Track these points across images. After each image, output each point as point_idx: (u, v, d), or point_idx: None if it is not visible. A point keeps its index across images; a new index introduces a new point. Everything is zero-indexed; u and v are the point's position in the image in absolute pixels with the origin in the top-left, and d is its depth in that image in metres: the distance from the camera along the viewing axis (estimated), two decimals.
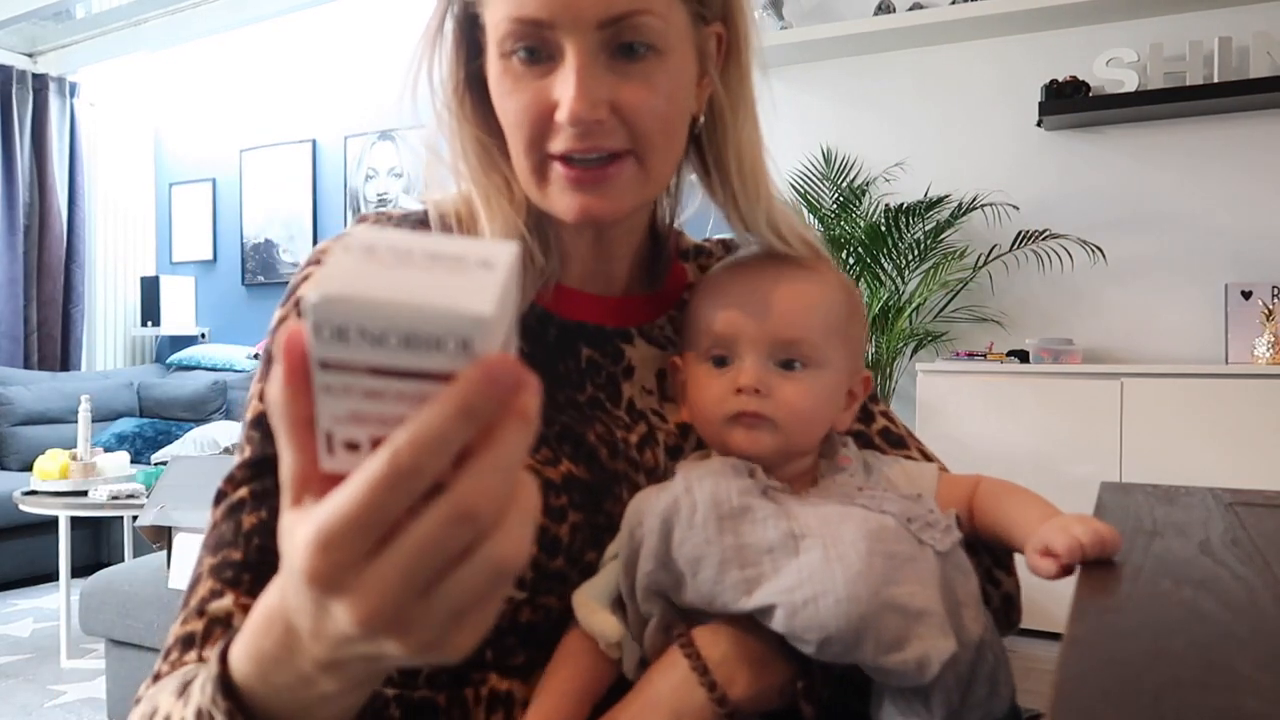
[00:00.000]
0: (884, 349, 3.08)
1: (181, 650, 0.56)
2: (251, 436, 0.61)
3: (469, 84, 0.65)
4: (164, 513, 2.08)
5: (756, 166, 0.68)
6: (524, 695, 0.61)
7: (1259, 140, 2.87)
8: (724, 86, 0.67)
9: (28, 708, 2.43)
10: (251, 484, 0.60)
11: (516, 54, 0.60)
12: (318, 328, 0.28)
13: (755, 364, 0.63)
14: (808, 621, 0.54)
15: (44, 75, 4.84)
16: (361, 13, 4.50)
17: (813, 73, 3.44)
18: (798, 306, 0.65)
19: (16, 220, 4.69)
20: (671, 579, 0.58)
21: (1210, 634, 0.44)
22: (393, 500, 0.28)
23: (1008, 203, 3.13)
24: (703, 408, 0.65)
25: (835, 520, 0.58)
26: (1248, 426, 2.51)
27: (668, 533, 0.58)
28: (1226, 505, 0.76)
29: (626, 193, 0.62)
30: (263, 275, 4.91)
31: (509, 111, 0.61)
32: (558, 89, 0.59)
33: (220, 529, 0.59)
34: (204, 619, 0.56)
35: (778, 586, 0.55)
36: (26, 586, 3.61)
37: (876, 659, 0.54)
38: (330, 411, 0.29)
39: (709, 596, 0.57)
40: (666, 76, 0.61)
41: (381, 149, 4.52)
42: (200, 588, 0.58)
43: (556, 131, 0.60)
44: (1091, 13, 2.99)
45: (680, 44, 0.62)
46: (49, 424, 4.16)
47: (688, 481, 0.60)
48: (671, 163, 0.65)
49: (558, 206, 0.62)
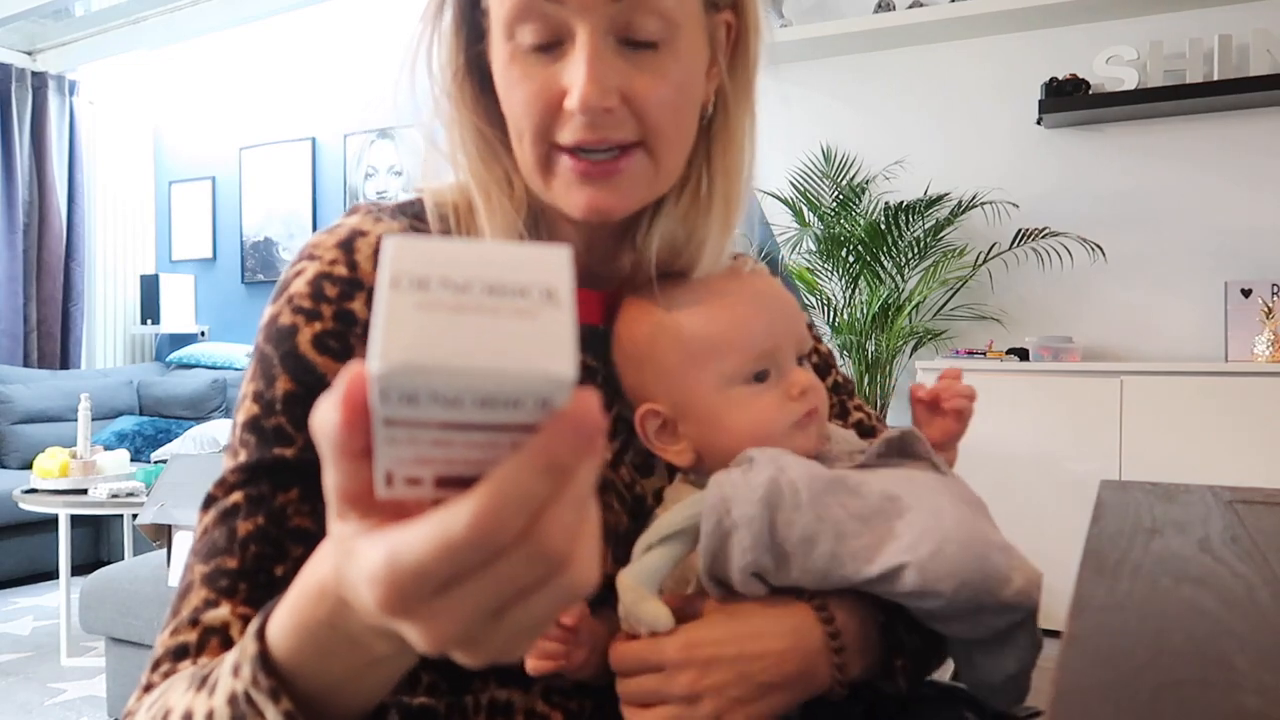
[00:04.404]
0: (884, 347, 3.08)
1: (174, 661, 0.53)
2: (246, 440, 0.58)
3: (469, 70, 0.62)
4: (164, 511, 2.08)
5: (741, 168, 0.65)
6: (524, 704, 0.60)
7: (1259, 138, 2.87)
8: (730, 77, 0.64)
9: (28, 706, 2.43)
10: (246, 489, 0.57)
11: (523, 39, 0.56)
12: (385, 394, 0.26)
13: (796, 366, 0.65)
14: (940, 570, 0.54)
15: (43, 73, 4.83)
16: (361, 11, 4.49)
17: (812, 70, 3.44)
18: (794, 305, 0.67)
19: (16, 218, 4.68)
20: (775, 561, 0.57)
21: (1210, 631, 0.44)
22: (473, 556, 0.28)
23: (1007, 200, 3.13)
24: (757, 426, 0.63)
25: (902, 479, 0.59)
26: (1247, 424, 2.51)
27: (771, 517, 0.56)
28: (1226, 503, 0.76)
29: (636, 187, 0.59)
30: (262, 273, 4.91)
31: (515, 100, 0.58)
32: (567, 75, 0.56)
33: (212, 535, 0.56)
34: (198, 629, 0.53)
35: (899, 545, 0.55)
36: (26, 585, 3.61)
37: (996, 596, 0.55)
38: (392, 456, 0.28)
39: (824, 571, 0.56)
40: (678, 65, 0.58)
41: (381, 147, 4.52)
42: (192, 597, 0.55)
43: (565, 121, 0.57)
44: (1091, 10, 2.99)
45: (692, 27, 0.59)
46: (49, 422, 4.16)
47: (775, 463, 0.59)
48: (682, 155, 0.62)
49: (564, 201, 0.59)
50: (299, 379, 0.58)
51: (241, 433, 0.58)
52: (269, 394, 0.58)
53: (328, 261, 0.60)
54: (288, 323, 0.59)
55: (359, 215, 0.64)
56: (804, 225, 3.28)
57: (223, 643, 0.53)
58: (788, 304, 0.66)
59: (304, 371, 0.58)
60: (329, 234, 0.62)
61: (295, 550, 0.56)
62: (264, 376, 0.58)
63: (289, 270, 0.61)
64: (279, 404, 0.57)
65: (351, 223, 0.63)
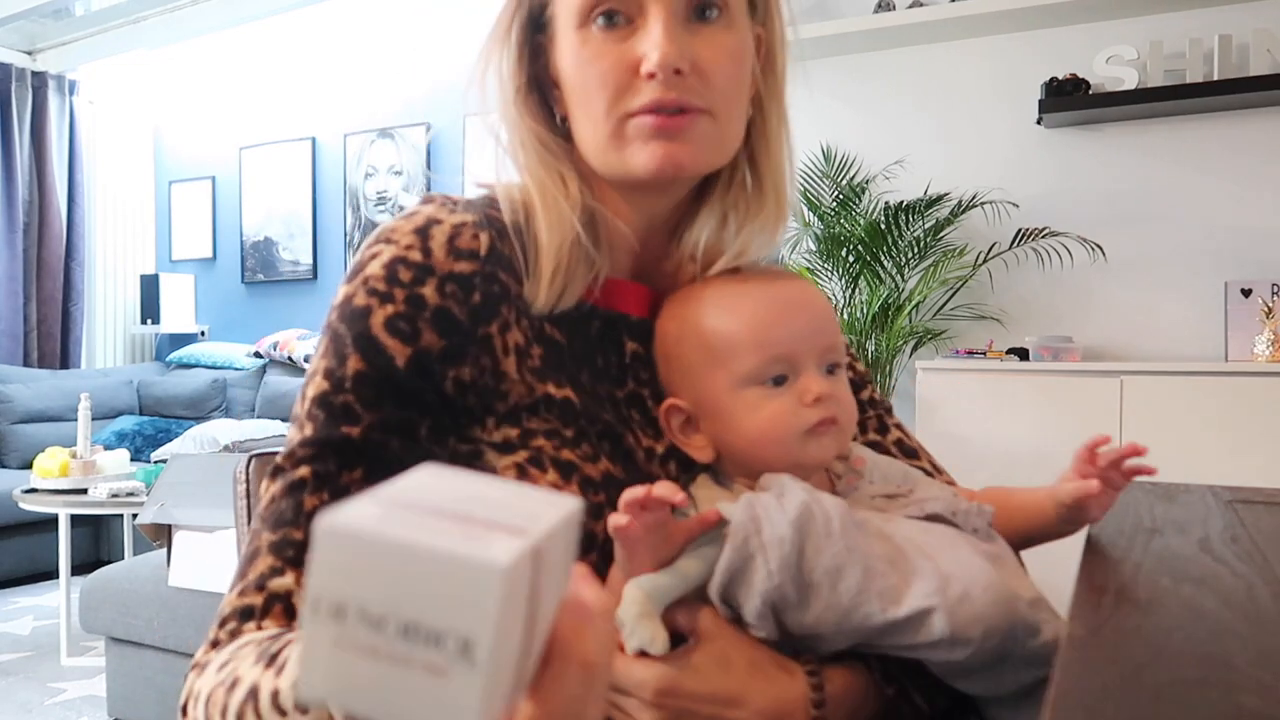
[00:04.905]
0: (884, 347, 3.07)
1: (240, 620, 0.57)
2: (315, 415, 0.60)
3: (530, 86, 0.68)
4: (164, 510, 2.08)
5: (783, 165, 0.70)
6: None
7: (1259, 138, 2.87)
8: (764, 84, 0.69)
9: (28, 705, 2.43)
10: (313, 464, 0.59)
11: (596, 21, 0.62)
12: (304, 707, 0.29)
13: (817, 373, 0.64)
14: (969, 616, 0.53)
15: (43, 73, 4.83)
16: (361, 10, 4.49)
17: (812, 70, 3.44)
18: (826, 313, 0.67)
19: (16, 218, 4.68)
20: (799, 592, 0.54)
21: (1209, 631, 0.44)
22: None
23: (1007, 200, 3.13)
24: (770, 429, 0.63)
25: (924, 532, 0.58)
26: (1247, 424, 2.51)
27: (801, 541, 0.55)
28: (1226, 503, 0.76)
29: (705, 145, 0.63)
30: (262, 273, 4.91)
31: (590, 79, 0.63)
32: (641, 45, 0.61)
33: (279, 505, 0.59)
34: (264, 593, 0.57)
35: (926, 589, 0.53)
36: (26, 584, 3.61)
37: (1026, 645, 0.54)
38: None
39: (848, 609, 0.54)
40: (736, 41, 0.64)
41: (381, 147, 4.52)
42: (259, 562, 0.58)
43: (639, 89, 0.61)
44: (1091, 10, 2.98)
45: (741, 18, 0.65)
46: (49, 422, 4.16)
47: (811, 493, 0.57)
48: (739, 129, 0.66)
49: (638, 160, 0.63)
50: (369, 359, 0.60)
51: (311, 407, 0.60)
52: (340, 371, 0.60)
53: (404, 246, 0.63)
54: (362, 304, 0.61)
55: (434, 205, 0.66)
56: (804, 225, 3.28)
57: (285, 609, 0.56)
58: (817, 310, 0.66)
59: (375, 352, 0.60)
60: (406, 220, 0.65)
61: None
62: (336, 354, 0.61)
63: (364, 252, 0.64)
64: (349, 382, 0.60)
65: (428, 211, 0.65)
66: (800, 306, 0.65)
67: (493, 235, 0.65)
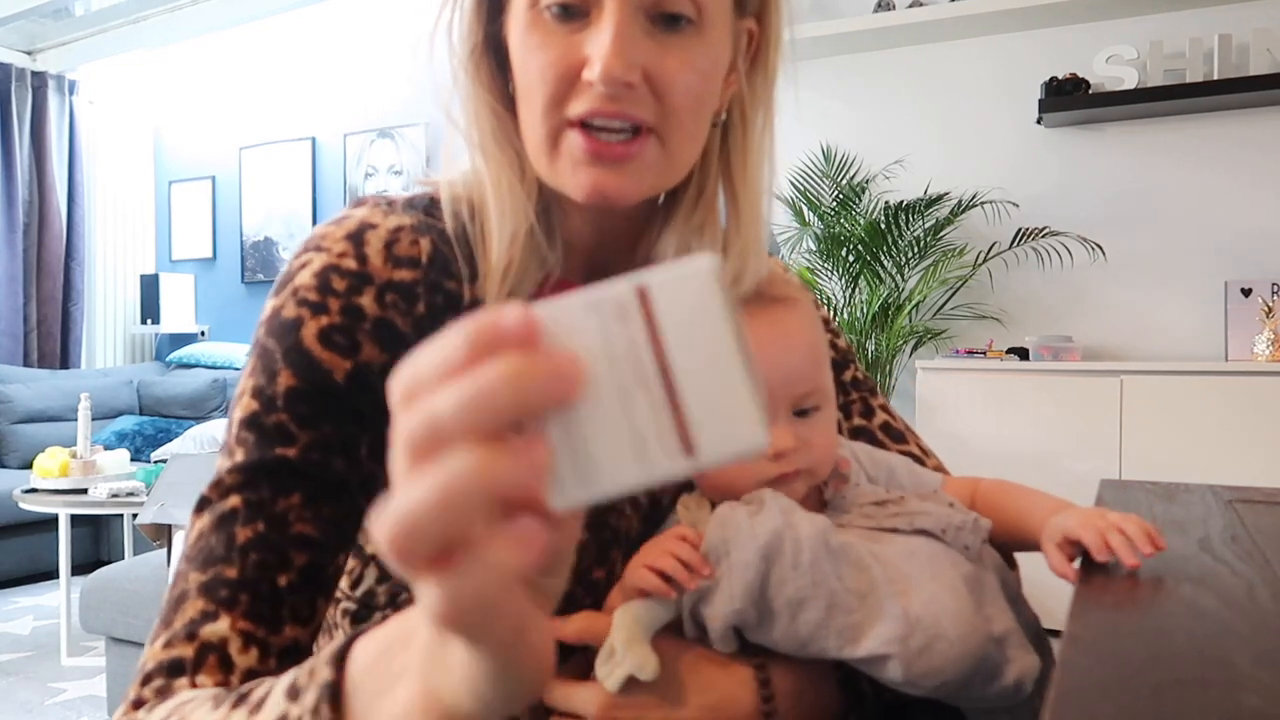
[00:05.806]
0: (884, 346, 3.08)
1: (168, 677, 0.50)
2: (244, 438, 0.55)
3: (486, 47, 0.60)
4: (164, 510, 2.08)
5: (762, 182, 0.63)
6: (527, 715, 0.59)
7: (1259, 137, 2.87)
8: (748, 87, 0.62)
9: (28, 705, 2.43)
10: (244, 492, 0.54)
11: (549, 7, 0.54)
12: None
13: (783, 424, 0.60)
14: (925, 669, 0.53)
15: (43, 73, 4.83)
16: (361, 10, 4.49)
17: (812, 70, 3.44)
18: (803, 353, 0.62)
19: (16, 218, 4.68)
20: (759, 618, 0.54)
21: (1210, 631, 0.44)
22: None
23: (1007, 200, 3.13)
24: (730, 481, 0.60)
25: (908, 555, 0.57)
26: (1247, 424, 2.51)
27: (766, 570, 0.54)
28: (1226, 502, 0.76)
29: (645, 175, 0.56)
30: (262, 273, 4.91)
31: (531, 69, 0.55)
32: (590, 45, 0.53)
33: (208, 541, 0.53)
34: (195, 643, 0.50)
35: (887, 635, 0.53)
36: (27, 584, 3.61)
37: (984, 690, 0.54)
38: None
39: (805, 640, 0.54)
40: (705, 53, 0.56)
41: (381, 146, 4.52)
42: (188, 607, 0.51)
43: (580, 93, 0.54)
44: (1091, 10, 2.98)
45: (721, 23, 0.57)
46: (49, 422, 4.16)
47: (785, 514, 0.56)
48: (694, 150, 0.59)
49: (568, 181, 0.56)
50: (303, 374, 0.55)
51: (239, 430, 0.55)
52: (270, 389, 0.55)
53: (336, 254, 0.58)
54: (292, 315, 0.56)
55: (367, 208, 0.61)
56: (804, 225, 3.28)
57: (221, 661, 0.50)
58: (789, 350, 0.61)
59: (308, 367, 0.55)
60: (336, 225, 0.60)
61: (298, 558, 0.53)
62: (265, 371, 0.56)
63: (293, 262, 0.59)
64: (281, 400, 0.55)
65: (360, 215, 0.60)
66: (769, 352, 0.60)
67: (434, 239, 0.60)
